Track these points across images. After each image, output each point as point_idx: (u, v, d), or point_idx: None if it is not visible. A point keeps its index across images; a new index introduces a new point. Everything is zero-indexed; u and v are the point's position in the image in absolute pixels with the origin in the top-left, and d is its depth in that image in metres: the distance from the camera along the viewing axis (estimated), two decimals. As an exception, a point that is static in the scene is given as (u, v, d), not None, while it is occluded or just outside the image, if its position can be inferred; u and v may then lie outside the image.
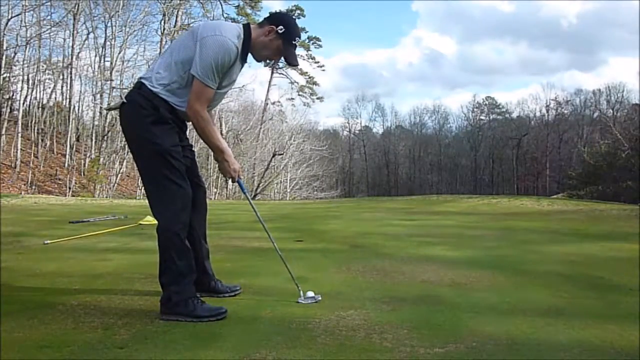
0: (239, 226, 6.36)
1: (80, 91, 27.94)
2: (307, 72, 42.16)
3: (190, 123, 2.47)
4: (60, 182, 23.70)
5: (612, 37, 70.39)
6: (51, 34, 25.02)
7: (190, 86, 2.32)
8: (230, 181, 2.62)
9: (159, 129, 2.33)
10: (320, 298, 2.60)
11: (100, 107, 25.08)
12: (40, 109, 26.58)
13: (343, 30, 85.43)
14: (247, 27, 2.43)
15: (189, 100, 2.32)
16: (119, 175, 25.18)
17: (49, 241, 4.61)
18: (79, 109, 27.77)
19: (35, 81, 26.04)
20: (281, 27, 2.40)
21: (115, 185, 24.57)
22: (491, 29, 79.68)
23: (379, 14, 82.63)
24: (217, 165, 2.60)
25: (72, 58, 25.30)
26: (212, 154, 2.59)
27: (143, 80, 2.37)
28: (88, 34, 26.40)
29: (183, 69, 2.32)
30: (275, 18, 2.46)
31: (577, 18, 73.42)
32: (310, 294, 2.61)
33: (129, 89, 2.48)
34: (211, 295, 2.61)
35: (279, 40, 2.42)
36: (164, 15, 26.61)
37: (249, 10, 32.09)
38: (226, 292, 2.68)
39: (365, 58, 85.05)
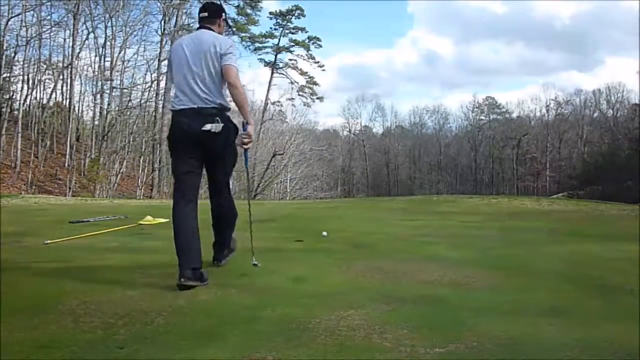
0: (238, 226, 6.34)
1: (80, 91, 27.87)
2: (307, 72, 42.06)
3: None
4: (60, 182, 23.68)
5: (609, 38, 70.48)
6: (51, 34, 25.02)
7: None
8: (244, 148, 3.29)
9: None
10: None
11: (101, 107, 25.08)
12: (40, 109, 26.52)
13: (340, 31, 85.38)
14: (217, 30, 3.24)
15: (235, 82, 3.05)
16: (119, 175, 25.17)
17: (49, 241, 4.60)
18: (79, 109, 27.72)
19: (35, 81, 25.98)
20: (223, 14, 3.29)
21: (115, 185, 24.55)
22: (487, 30, 79.48)
23: (376, 14, 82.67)
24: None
25: (72, 58, 25.24)
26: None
27: (222, 105, 3.10)
28: (88, 34, 26.34)
29: (221, 86, 3.10)
30: (219, 11, 3.29)
31: (571, 19, 73.54)
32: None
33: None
34: None
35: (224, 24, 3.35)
36: (164, 15, 26.60)
37: (249, 11, 32.05)
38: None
39: (362, 58, 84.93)
